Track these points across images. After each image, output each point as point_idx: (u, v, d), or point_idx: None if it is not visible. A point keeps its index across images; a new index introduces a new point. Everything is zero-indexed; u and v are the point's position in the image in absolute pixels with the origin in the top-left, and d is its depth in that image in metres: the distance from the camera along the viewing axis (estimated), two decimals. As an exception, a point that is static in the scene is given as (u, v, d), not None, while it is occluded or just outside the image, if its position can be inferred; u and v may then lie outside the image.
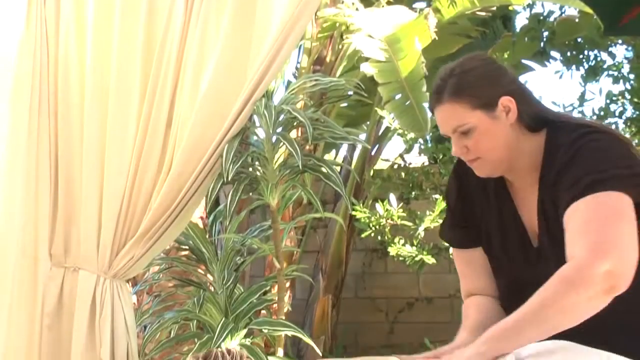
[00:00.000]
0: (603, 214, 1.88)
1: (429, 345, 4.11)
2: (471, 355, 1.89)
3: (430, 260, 4.41)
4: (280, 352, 3.10)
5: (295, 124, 2.84)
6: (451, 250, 2.46)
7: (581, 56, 4.95)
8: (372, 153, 5.68)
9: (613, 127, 4.43)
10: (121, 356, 2.63)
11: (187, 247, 3.16)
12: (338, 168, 3.75)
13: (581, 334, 1.87)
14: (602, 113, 4.51)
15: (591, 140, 1.99)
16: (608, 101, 4.57)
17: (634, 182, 1.93)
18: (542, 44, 4.98)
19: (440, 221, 2.55)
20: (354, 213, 4.47)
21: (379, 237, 4.51)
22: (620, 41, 4.99)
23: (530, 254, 2.11)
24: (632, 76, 4.71)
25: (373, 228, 4.42)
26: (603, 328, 1.86)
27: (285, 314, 3.26)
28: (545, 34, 4.97)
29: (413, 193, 4.74)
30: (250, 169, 2.84)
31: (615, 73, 4.80)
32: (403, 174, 4.72)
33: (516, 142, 2.09)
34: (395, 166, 5.10)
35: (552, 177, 2.02)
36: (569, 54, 4.98)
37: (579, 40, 4.99)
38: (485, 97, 2.06)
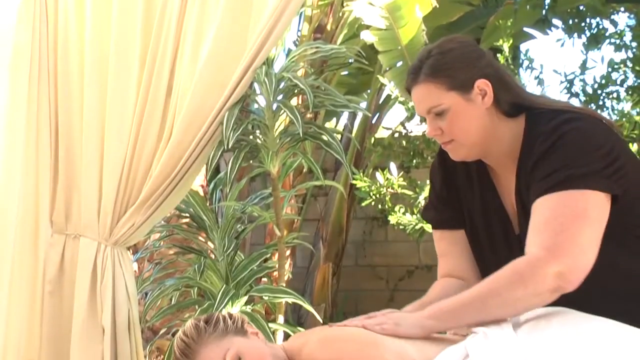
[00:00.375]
0: (567, 214, 1.91)
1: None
2: (414, 324, 1.95)
3: (430, 228, 4.41)
4: (280, 319, 3.12)
5: (295, 91, 2.83)
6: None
7: (583, 24, 4.92)
8: (373, 121, 5.66)
9: (614, 95, 4.42)
10: (122, 323, 2.65)
11: (187, 215, 3.17)
12: (339, 136, 3.75)
13: (568, 299, 1.91)
14: (603, 81, 4.49)
15: (571, 128, 1.99)
16: (610, 69, 4.55)
17: (610, 172, 1.93)
18: (544, 12, 4.95)
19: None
20: (354, 182, 4.47)
21: (380, 206, 4.50)
22: (622, 9, 4.96)
23: (512, 241, 2.12)
24: (634, 44, 4.69)
25: (373, 196, 4.42)
26: (587, 294, 1.90)
27: (286, 282, 3.27)
28: (547, 1, 4.94)
29: (414, 161, 4.72)
30: (251, 137, 2.84)
31: (617, 41, 4.77)
32: (404, 142, 4.69)
33: (492, 126, 2.09)
34: (396, 134, 5.08)
35: (529, 165, 2.02)
36: (570, 21, 4.95)
37: (581, 8, 4.96)
38: (461, 78, 2.06)
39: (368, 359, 1.79)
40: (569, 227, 1.89)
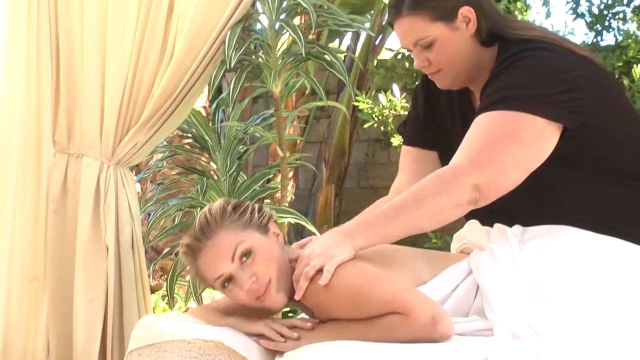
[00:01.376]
0: (497, 132, 1.91)
1: (429, 234, 4.14)
2: (345, 248, 1.85)
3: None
4: (283, 239, 3.14)
5: (298, 10, 2.80)
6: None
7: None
8: (376, 43, 5.63)
9: (621, 15, 4.36)
10: (125, 242, 2.67)
11: (190, 135, 3.16)
12: (342, 57, 3.72)
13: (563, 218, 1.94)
14: (609, 1, 4.44)
15: (532, 55, 1.98)
16: (617, -11, 4.49)
17: (561, 100, 1.92)
18: None
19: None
20: (356, 104, 4.46)
21: (382, 128, 4.50)
22: None
23: None
24: (642, -37, 4.62)
25: (376, 118, 4.41)
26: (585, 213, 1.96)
27: (289, 203, 3.28)
28: None
29: (417, 83, 4.70)
30: (253, 57, 2.82)
31: (625, -40, 4.70)
32: (407, 63, 4.66)
33: (475, 53, 2.10)
34: (399, 56, 5.05)
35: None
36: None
37: None
38: (444, 7, 2.06)
39: (377, 277, 1.79)
40: (495, 144, 1.90)
